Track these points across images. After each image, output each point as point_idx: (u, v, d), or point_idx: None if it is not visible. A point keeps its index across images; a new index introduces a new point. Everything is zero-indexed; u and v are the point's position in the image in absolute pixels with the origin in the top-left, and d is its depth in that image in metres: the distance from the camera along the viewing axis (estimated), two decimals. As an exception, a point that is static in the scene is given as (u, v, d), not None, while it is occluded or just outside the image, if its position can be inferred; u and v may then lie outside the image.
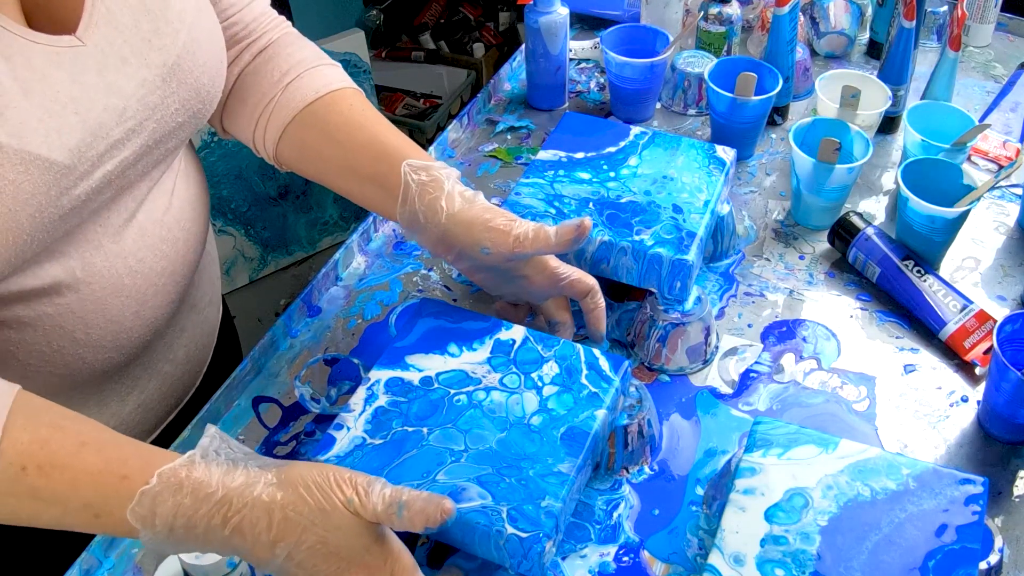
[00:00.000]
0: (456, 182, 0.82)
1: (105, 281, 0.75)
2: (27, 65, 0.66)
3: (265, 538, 0.61)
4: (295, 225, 2.33)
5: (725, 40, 1.32)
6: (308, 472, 0.63)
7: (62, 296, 0.72)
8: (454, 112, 2.57)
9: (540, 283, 0.82)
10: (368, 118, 0.86)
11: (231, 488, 0.61)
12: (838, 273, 1.09)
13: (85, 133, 0.68)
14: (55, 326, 0.73)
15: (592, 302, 0.85)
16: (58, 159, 0.66)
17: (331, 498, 0.62)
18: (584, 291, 0.84)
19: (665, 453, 0.92)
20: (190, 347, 0.94)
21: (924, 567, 0.72)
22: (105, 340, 0.77)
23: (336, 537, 0.62)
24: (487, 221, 0.78)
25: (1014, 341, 0.91)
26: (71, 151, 0.67)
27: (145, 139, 0.74)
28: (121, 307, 0.77)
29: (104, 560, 0.85)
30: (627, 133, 1.08)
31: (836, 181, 1.08)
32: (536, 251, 0.77)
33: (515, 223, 0.78)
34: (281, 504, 0.61)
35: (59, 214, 0.67)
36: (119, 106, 0.71)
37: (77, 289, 0.73)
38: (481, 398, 0.82)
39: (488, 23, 2.75)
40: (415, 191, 0.80)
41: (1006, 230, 1.14)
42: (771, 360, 1.00)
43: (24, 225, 0.64)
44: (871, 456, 0.79)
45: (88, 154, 0.68)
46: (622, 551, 0.84)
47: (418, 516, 0.63)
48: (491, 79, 1.37)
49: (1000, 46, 1.44)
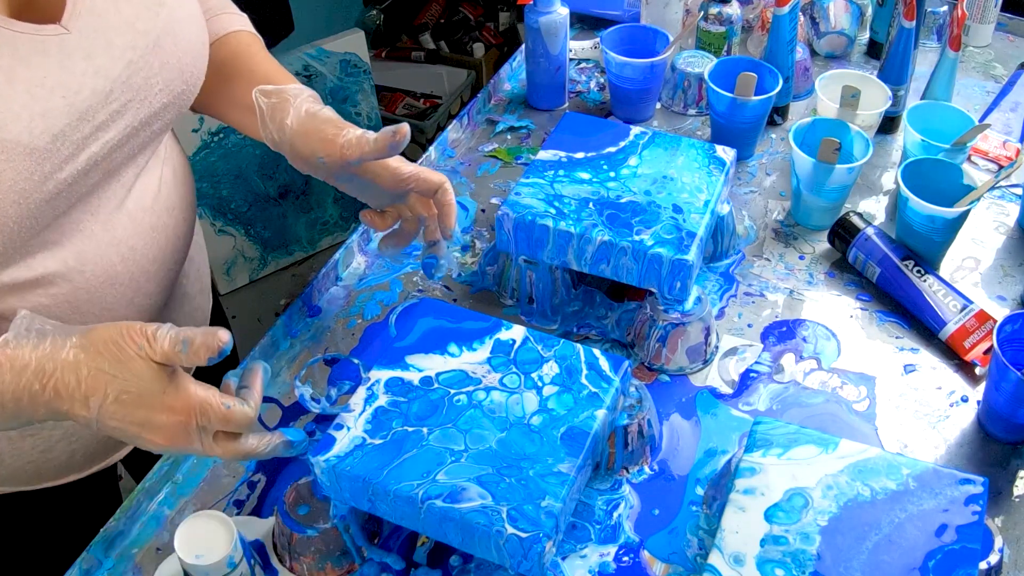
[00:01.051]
0: (306, 100, 0.84)
1: (98, 269, 0.76)
2: (12, 54, 0.67)
3: (78, 395, 0.65)
4: (295, 225, 2.33)
5: (725, 40, 1.32)
6: (105, 331, 0.66)
7: (56, 286, 0.74)
8: (454, 112, 2.57)
9: (388, 184, 0.85)
10: (252, 54, 0.89)
11: (42, 356, 0.65)
12: (838, 273, 1.09)
13: (72, 117, 0.69)
14: (51, 317, 0.74)
15: (442, 198, 0.88)
16: (40, 144, 0.67)
17: (125, 350, 0.66)
18: (432, 188, 0.87)
19: (665, 453, 0.92)
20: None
21: (924, 567, 0.72)
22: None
23: (136, 384, 0.66)
24: (320, 132, 0.81)
25: (1014, 341, 0.91)
26: (55, 135, 0.68)
27: (130, 120, 0.75)
28: (115, 295, 0.78)
29: (104, 560, 0.85)
30: (627, 133, 1.08)
31: (836, 181, 1.08)
32: (361, 156, 0.79)
33: (342, 132, 0.80)
34: (85, 362, 0.65)
35: (45, 199, 0.68)
36: (105, 88, 0.72)
37: (71, 279, 0.74)
38: (481, 398, 0.82)
39: (488, 23, 2.75)
40: (267, 113, 0.83)
41: (1006, 230, 1.14)
42: (771, 360, 1.00)
43: (9, 212, 0.66)
44: (871, 456, 0.79)
45: (73, 137, 0.70)
46: (622, 551, 0.84)
47: (201, 349, 0.66)
48: (491, 79, 1.37)
49: (1000, 46, 1.44)
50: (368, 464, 0.77)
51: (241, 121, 0.88)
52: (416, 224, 0.92)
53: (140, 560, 0.85)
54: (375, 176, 0.85)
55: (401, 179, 0.86)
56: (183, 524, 0.78)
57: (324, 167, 0.83)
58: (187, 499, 0.90)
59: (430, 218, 0.91)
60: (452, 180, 1.22)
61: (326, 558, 0.82)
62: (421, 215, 0.91)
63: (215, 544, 0.76)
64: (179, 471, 0.91)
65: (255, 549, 0.84)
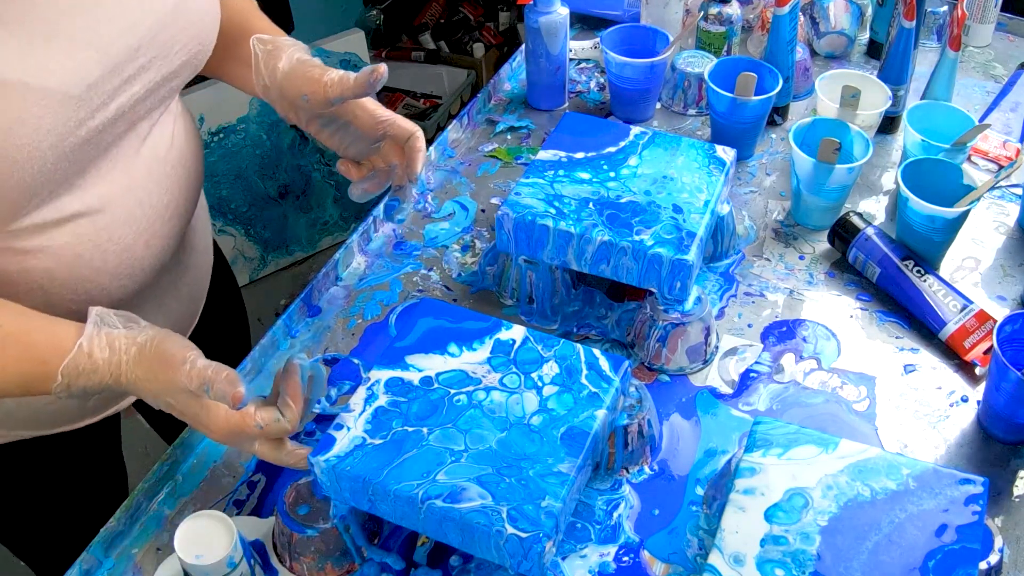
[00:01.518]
0: (298, 50, 0.89)
1: (118, 211, 0.82)
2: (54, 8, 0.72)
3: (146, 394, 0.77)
4: (295, 225, 2.33)
5: (725, 40, 1.32)
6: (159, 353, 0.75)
7: (80, 226, 0.80)
8: (454, 112, 2.57)
9: (366, 125, 0.90)
10: (242, 10, 0.94)
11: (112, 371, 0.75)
12: (838, 273, 1.09)
13: (104, 69, 0.75)
14: (75, 255, 0.80)
15: (412, 144, 0.92)
16: (76, 93, 0.73)
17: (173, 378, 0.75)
18: (405, 133, 0.92)
19: (665, 453, 0.92)
20: (191, 285, 1.01)
21: (924, 567, 0.72)
22: (120, 268, 0.85)
23: (179, 402, 0.77)
24: (307, 72, 0.87)
25: (1014, 341, 0.91)
26: (90, 86, 0.74)
27: (153, 75, 0.81)
28: (133, 236, 0.85)
29: (104, 560, 0.85)
30: (627, 133, 1.08)
31: (836, 181, 1.08)
32: (342, 94, 0.84)
33: (327, 72, 0.86)
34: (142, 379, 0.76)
35: (77, 143, 0.75)
36: (134, 44, 0.78)
37: (94, 220, 0.81)
38: (481, 398, 0.82)
39: (488, 23, 2.75)
40: (262, 59, 0.89)
41: (1006, 230, 1.14)
42: (771, 360, 1.00)
43: (47, 155, 0.72)
44: (871, 456, 0.79)
45: (105, 88, 0.76)
46: (622, 551, 0.84)
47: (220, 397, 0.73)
48: (491, 79, 1.37)
49: (1000, 46, 1.44)
50: (368, 464, 0.77)
51: (236, 73, 0.94)
52: (387, 174, 0.96)
53: (140, 560, 0.85)
54: (354, 118, 0.90)
55: (378, 121, 0.91)
56: (183, 524, 0.78)
57: (307, 106, 0.87)
58: (187, 499, 0.90)
59: (400, 164, 0.95)
60: (452, 180, 1.23)
61: (326, 558, 0.82)
62: (393, 162, 0.95)
63: (215, 544, 0.76)
64: (179, 471, 0.92)
65: (255, 549, 0.84)
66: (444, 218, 1.18)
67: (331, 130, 0.92)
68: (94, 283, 0.83)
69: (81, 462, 1.03)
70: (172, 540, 0.77)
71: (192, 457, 0.93)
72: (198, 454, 0.93)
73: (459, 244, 1.14)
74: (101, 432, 1.03)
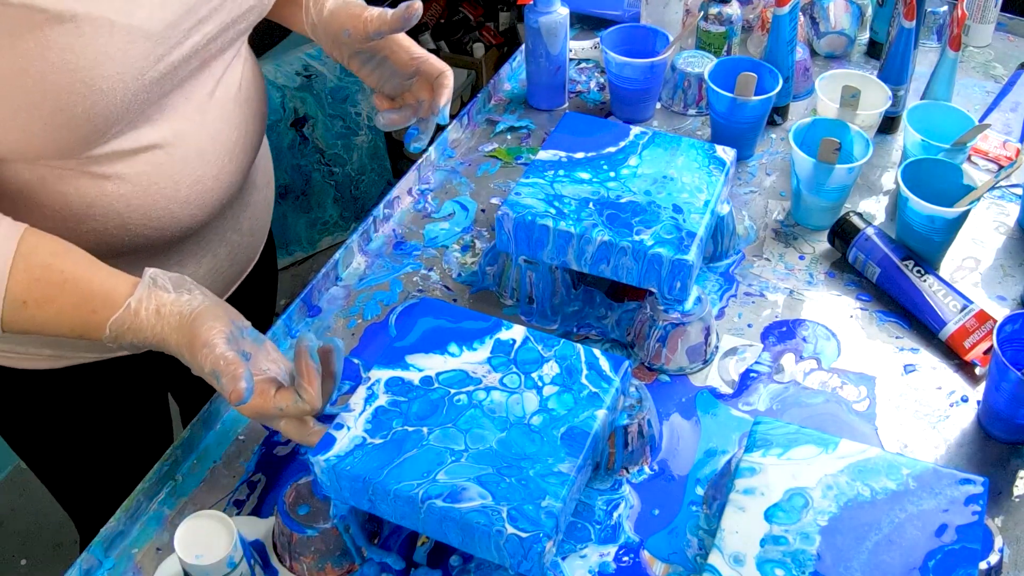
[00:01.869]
0: None
1: (191, 145, 0.89)
2: None
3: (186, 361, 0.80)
4: (295, 225, 2.33)
5: (725, 40, 1.32)
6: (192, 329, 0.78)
7: (156, 157, 0.87)
8: (454, 112, 2.57)
9: (401, 59, 1.00)
10: None
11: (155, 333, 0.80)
12: (838, 273, 1.09)
13: (182, 9, 0.82)
14: (150, 183, 0.87)
15: (441, 80, 1.00)
16: (157, 30, 0.80)
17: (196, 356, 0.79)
18: (436, 71, 1.01)
19: (665, 453, 0.92)
20: (252, 220, 1.07)
21: (924, 567, 0.72)
22: (191, 198, 0.91)
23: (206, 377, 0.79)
24: (349, 9, 0.97)
25: (1014, 341, 0.91)
26: (169, 24, 0.81)
27: (223, 17, 0.87)
28: (204, 169, 0.92)
29: (104, 560, 0.85)
30: (627, 133, 1.08)
31: (836, 181, 1.08)
32: (380, 28, 0.94)
33: (367, 9, 0.96)
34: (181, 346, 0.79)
35: (156, 77, 0.82)
36: None
37: (169, 152, 0.88)
38: (481, 398, 0.82)
39: (488, 23, 2.75)
40: (311, 2, 0.99)
41: (1006, 230, 1.14)
42: (771, 360, 1.00)
43: (129, 86, 0.79)
44: (871, 456, 0.79)
45: (182, 26, 0.83)
46: (622, 551, 0.84)
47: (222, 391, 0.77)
48: (491, 79, 1.37)
49: (1000, 46, 1.44)
50: (368, 464, 0.77)
51: (289, 13, 1.02)
52: (415, 109, 1.03)
53: (140, 560, 0.85)
54: (391, 53, 1.00)
55: (412, 57, 1.00)
56: (183, 524, 0.78)
57: (349, 41, 0.97)
58: (187, 499, 0.90)
59: (427, 100, 1.03)
60: (452, 180, 1.23)
61: (326, 558, 0.82)
62: (421, 98, 1.03)
63: (215, 544, 0.76)
64: (179, 471, 0.92)
65: (255, 549, 0.84)
66: (444, 218, 1.18)
67: (371, 67, 1.01)
68: (166, 211, 0.90)
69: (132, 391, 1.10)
70: (172, 540, 0.77)
71: (192, 457, 0.93)
72: (198, 454, 0.93)
73: (459, 244, 1.14)
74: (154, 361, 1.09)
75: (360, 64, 1.01)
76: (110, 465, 1.11)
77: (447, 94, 1.00)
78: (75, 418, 1.07)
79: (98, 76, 0.76)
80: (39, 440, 1.09)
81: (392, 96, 1.04)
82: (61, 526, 1.86)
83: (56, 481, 1.17)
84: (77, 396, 1.04)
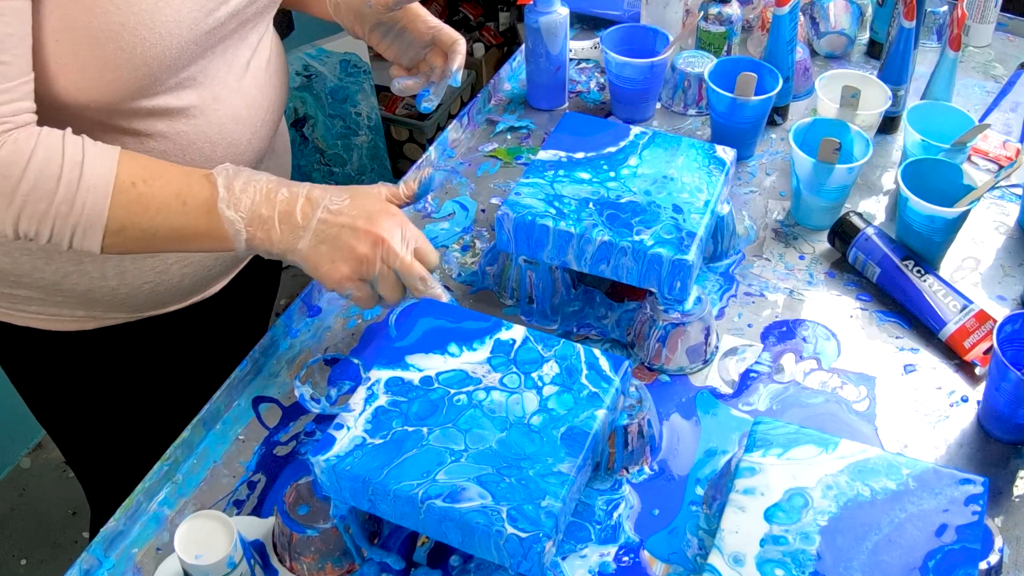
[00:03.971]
0: None
1: (228, 110, 0.95)
2: None
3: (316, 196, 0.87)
4: (295, 225, 2.32)
5: (725, 40, 1.32)
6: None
7: (195, 118, 0.92)
8: (454, 112, 2.57)
9: (419, 29, 1.06)
10: None
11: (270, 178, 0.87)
12: (838, 273, 1.09)
13: None
14: (188, 142, 0.92)
15: (455, 47, 1.08)
16: None
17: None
18: (450, 39, 1.07)
19: (665, 453, 0.92)
20: None
21: (924, 567, 0.72)
22: (226, 157, 0.96)
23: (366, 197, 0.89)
24: None
25: (1014, 341, 0.91)
26: None
27: None
28: (238, 132, 0.97)
29: (104, 560, 0.85)
30: (627, 133, 1.08)
31: (836, 181, 1.08)
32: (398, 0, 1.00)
33: None
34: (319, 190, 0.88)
35: (204, 31, 0.87)
36: None
37: (207, 114, 0.93)
38: (481, 398, 0.82)
39: (488, 23, 2.74)
40: None
41: (1006, 230, 1.14)
42: (771, 360, 1.00)
43: (185, 34, 0.85)
44: (871, 456, 0.79)
45: None
46: (622, 551, 0.84)
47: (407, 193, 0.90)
48: (491, 79, 1.37)
49: (1000, 46, 1.44)
50: (368, 464, 0.77)
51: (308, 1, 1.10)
52: (428, 76, 1.10)
53: (140, 560, 0.85)
54: (409, 23, 1.06)
55: (429, 26, 1.07)
56: (183, 524, 0.78)
57: (370, 12, 1.03)
58: (187, 499, 0.90)
59: (440, 66, 1.10)
60: (452, 180, 1.23)
61: (326, 558, 0.82)
62: (435, 65, 1.10)
63: (215, 544, 0.76)
64: (179, 471, 0.92)
65: (255, 549, 0.84)
66: (444, 218, 1.18)
67: (389, 39, 1.07)
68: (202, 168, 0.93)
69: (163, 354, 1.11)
70: (172, 540, 0.77)
71: (192, 457, 0.93)
72: (198, 454, 0.93)
73: (459, 244, 1.14)
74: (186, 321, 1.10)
75: (380, 37, 1.06)
76: (134, 433, 1.11)
77: (460, 59, 1.07)
78: (104, 382, 1.08)
79: (159, 20, 0.82)
80: (65, 405, 1.10)
81: (408, 68, 1.11)
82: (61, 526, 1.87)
83: (77, 450, 1.17)
84: (107, 359, 1.06)
